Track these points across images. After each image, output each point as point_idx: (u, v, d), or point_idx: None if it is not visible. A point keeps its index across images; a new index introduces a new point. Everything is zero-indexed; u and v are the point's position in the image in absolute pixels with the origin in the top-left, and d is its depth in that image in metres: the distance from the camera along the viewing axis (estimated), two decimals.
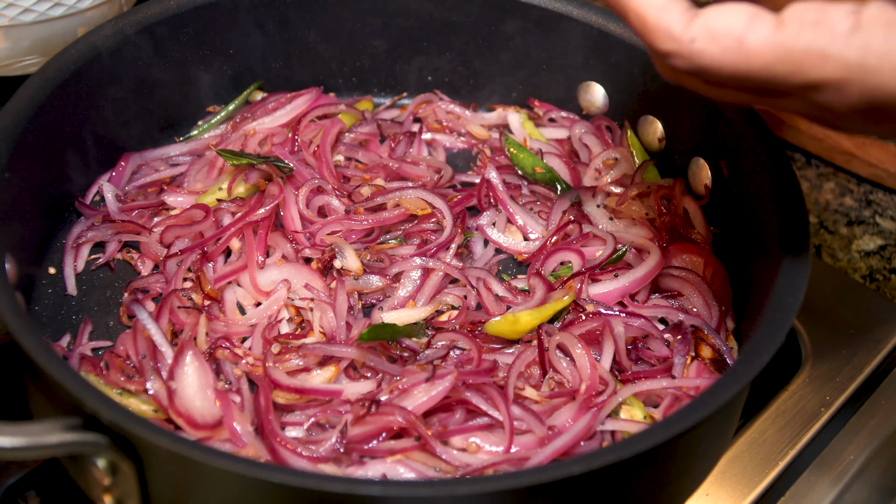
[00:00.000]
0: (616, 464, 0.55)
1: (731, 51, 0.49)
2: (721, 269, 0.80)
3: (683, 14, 0.50)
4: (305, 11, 0.93)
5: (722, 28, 0.49)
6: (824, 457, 0.85)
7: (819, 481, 0.83)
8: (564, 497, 0.58)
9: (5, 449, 0.54)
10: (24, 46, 0.94)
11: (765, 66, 0.49)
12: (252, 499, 0.56)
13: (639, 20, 0.52)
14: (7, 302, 0.61)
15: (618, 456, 0.55)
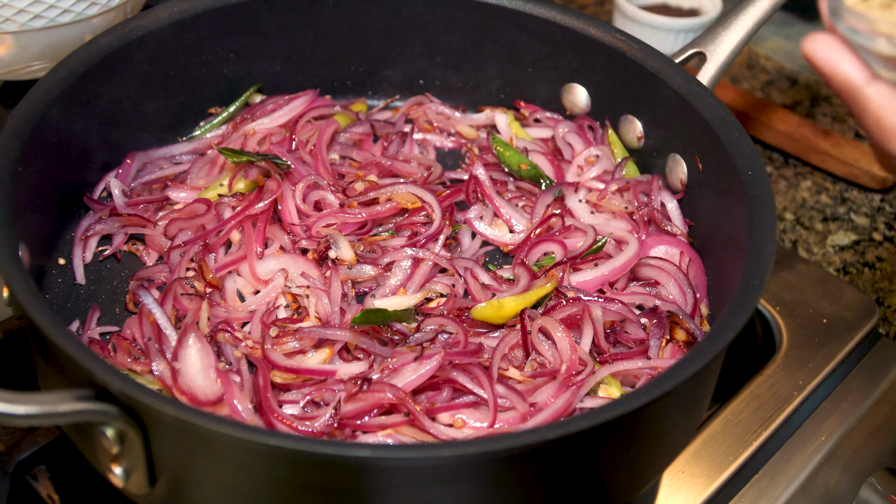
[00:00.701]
0: (589, 429, 0.57)
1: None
2: (696, 259, 0.82)
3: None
4: (302, 18, 0.94)
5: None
6: (797, 438, 0.87)
7: (791, 461, 0.85)
8: (541, 462, 0.60)
9: (21, 416, 0.55)
10: (33, 52, 0.95)
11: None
12: (250, 463, 0.58)
13: (875, 121, 0.53)
14: (23, 284, 0.62)
15: (590, 422, 0.57)
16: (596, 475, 0.64)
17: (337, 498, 0.59)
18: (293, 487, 0.59)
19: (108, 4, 0.95)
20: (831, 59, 0.54)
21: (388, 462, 0.56)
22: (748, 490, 0.82)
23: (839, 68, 0.54)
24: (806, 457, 0.86)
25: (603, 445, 0.62)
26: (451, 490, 0.59)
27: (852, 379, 0.92)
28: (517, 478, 0.60)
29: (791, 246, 1.07)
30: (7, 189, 0.68)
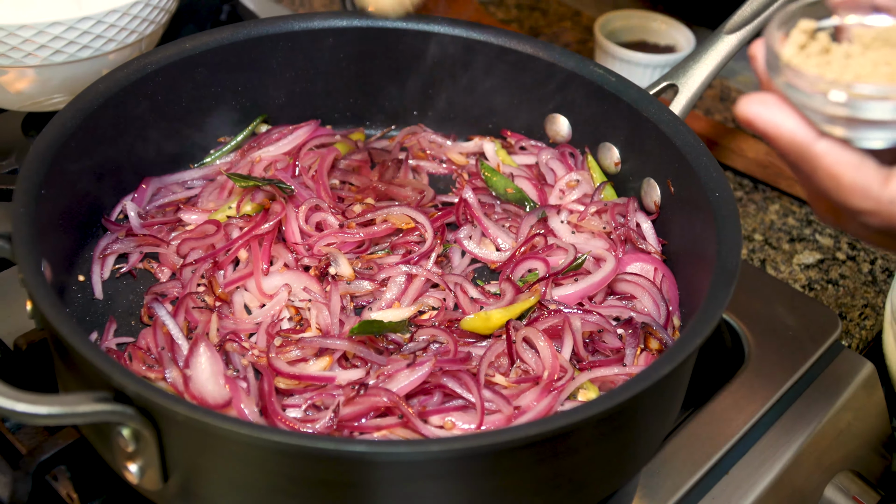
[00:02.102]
0: (567, 427, 0.59)
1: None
2: (669, 274, 0.84)
3: (878, 172, 0.47)
4: (305, 55, 0.95)
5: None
6: (765, 441, 0.87)
7: (760, 462, 0.86)
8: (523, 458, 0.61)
9: (42, 416, 0.57)
10: (54, 85, 0.95)
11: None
12: (255, 459, 0.59)
13: (832, 179, 0.48)
14: (45, 297, 0.64)
15: (568, 420, 0.59)
16: (576, 471, 0.65)
17: (335, 490, 0.60)
18: (295, 481, 0.60)
19: (124, 41, 0.96)
20: (773, 120, 0.50)
21: (381, 457, 0.57)
22: (720, 488, 0.83)
23: (784, 128, 0.50)
24: (774, 458, 0.86)
25: (581, 443, 0.63)
26: (440, 484, 0.61)
27: (817, 387, 0.93)
28: (501, 473, 0.61)
29: (760, 264, 1.08)
30: (31, 211, 0.70)
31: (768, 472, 0.85)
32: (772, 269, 1.08)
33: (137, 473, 0.63)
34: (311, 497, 0.61)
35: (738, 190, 1.19)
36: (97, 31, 0.93)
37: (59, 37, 0.91)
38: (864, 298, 1.06)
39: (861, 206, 0.48)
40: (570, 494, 0.67)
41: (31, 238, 0.67)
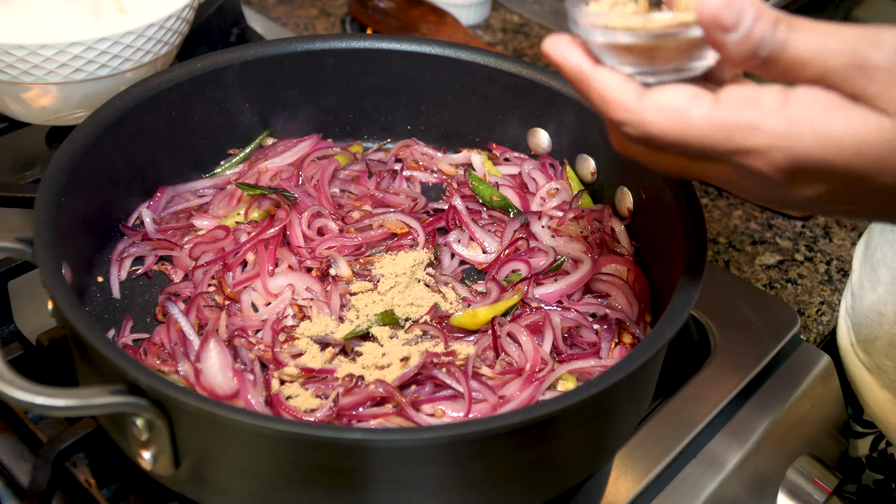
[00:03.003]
0: (548, 415, 0.58)
1: (674, 121, 0.50)
2: (641, 275, 0.84)
3: (636, 91, 0.51)
4: (307, 74, 0.95)
5: (667, 103, 0.50)
6: (730, 427, 0.87)
7: (725, 447, 0.86)
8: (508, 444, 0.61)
9: (61, 408, 0.56)
10: (75, 101, 0.95)
11: (702, 134, 0.49)
12: (260, 446, 0.59)
13: (599, 96, 0.53)
14: (64, 297, 0.63)
15: (549, 409, 0.58)
16: (556, 455, 0.65)
17: (335, 474, 0.59)
18: (298, 466, 0.59)
19: (140, 61, 0.96)
20: (562, 52, 0.54)
21: (377, 444, 0.57)
22: (688, 470, 0.83)
23: (569, 59, 0.54)
24: (738, 443, 0.86)
25: (561, 430, 0.63)
26: (431, 468, 0.60)
27: (777, 377, 0.93)
28: (487, 458, 0.61)
29: (724, 265, 1.08)
30: (52, 217, 0.69)
31: (733, 456, 0.85)
32: (735, 270, 1.08)
33: (151, 460, 0.63)
34: (312, 481, 0.60)
35: (704, 197, 1.19)
36: (114, 51, 0.93)
37: (79, 56, 0.91)
38: (821, 296, 1.05)
39: (621, 117, 0.52)
40: (551, 476, 0.67)
41: (52, 242, 0.67)
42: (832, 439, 0.99)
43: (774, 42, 0.48)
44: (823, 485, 0.89)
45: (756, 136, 0.48)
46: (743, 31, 0.48)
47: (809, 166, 0.48)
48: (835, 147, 0.47)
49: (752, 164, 0.49)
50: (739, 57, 0.49)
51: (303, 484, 0.60)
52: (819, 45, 0.47)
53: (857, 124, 0.47)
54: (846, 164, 0.48)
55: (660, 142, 0.51)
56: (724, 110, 0.49)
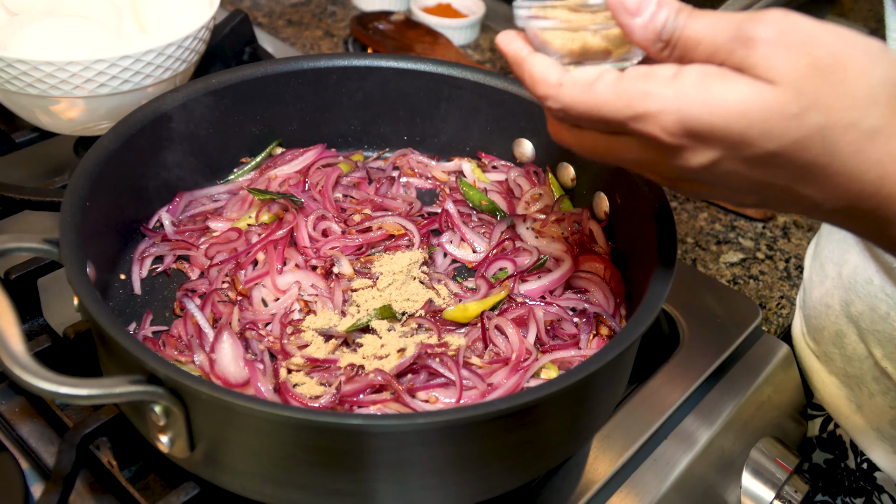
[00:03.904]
0: (533, 402, 0.58)
1: (585, 92, 0.51)
2: (616, 272, 0.83)
3: (559, 70, 0.53)
4: (313, 89, 0.94)
5: (581, 76, 0.52)
6: (698, 411, 0.87)
7: (694, 429, 0.85)
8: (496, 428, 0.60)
9: (84, 396, 0.55)
10: (100, 113, 0.95)
11: (605, 101, 0.50)
12: (269, 431, 0.58)
13: (529, 75, 0.54)
14: (88, 294, 0.62)
15: (534, 396, 0.58)
16: (539, 437, 0.64)
17: (337, 457, 0.59)
18: (303, 449, 0.59)
19: (160, 77, 0.95)
20: (508, 41, 0.57)
21: (376, 428, 0.56)
22: (660, 450, 0.82)
23: (511, 46, 0.56)
24: (706, 426, 0.86)
25: (544, 414, 0.62)
26: (425, 450, 0.59)
27: (741, 365, 0.93)
28: (477, 440, 0.60)
29: (691, 263, 1.08)
30: (77, 220, 0.68)
31: (701, 437, 0.85)
32: (702, 267, 1.07)
33: (168, 444, 0.62)
34: (317, 462, 0.59)
35: (673, 201, 1.18)
36: (136, 67, 0.92)
37: (103, 72, 0.90)
38: (781, 291, 1.05)
39: (543, 91, 0.53)
40: (535, 457, 0.66)
41: (76, 243, 0.66)
42: (793, 422, 0.99)
43: (675, 25, 0.49)
44: (784, 464, 0.89)
45: (649, 101, 0.48)
46: (647, 14, 0.50)
47: (698, 130, 0.48)
48: (721, 111, 0.47)
49: (648, 130, 0.49)
50: (646, 39, 0.51)
51: (307, 465, 0.59)
52: (711, 24, 0.49)
53: (741, 91, 0.47)
54: (731, 128, 0.47)
55: (573, 112, 0.52)
56: (624, 81, 0.50)
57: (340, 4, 1.58)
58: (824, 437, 1.02)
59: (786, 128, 0.46)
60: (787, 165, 0.48)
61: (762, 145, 0.47)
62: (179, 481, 0.69)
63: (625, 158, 0.54)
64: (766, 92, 0.46)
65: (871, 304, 0.89)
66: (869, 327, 0.89)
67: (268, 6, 1.55)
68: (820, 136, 0.46)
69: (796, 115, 0.46)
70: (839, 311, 0.94)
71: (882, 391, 0.90)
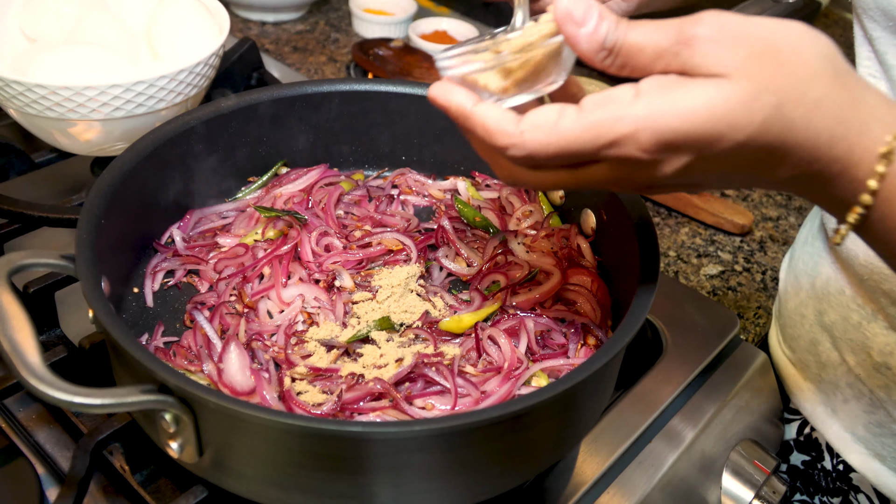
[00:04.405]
0: (524, 409, 0.57)
1: (551, 133, 0.49)
2: (603, 285, 0.83)
3: (513, 117, 0.51)
4: (316, 112, 0.94)
5: (542, 119, 0.50)
6: (680, 415, 0.87)
7: (677, 432, 0.85)
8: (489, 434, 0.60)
9: (97, 405, 0.55)
10: (116, 135, 0.94)
11: (576, 137, 0.49)
12: (273, 437, 0.58)
13: (483, 128, 0.51)
14: (102, 307, 0.62)
15: (525, 404, 0.57)
16: (530, 442, 0.64)
17: (338, 462, 0.58)
18: (306, 454, 0.58)
19: (172, 101, 0.95)
20: (446, 95, 0.53)
21: (374, 435, 0.56)
22: (645, 453, 0.82)
23: (452, 100, 0.52)
24: (688, 429, 0.86)
25: (534, 420, 0.62)
26: (422, 455, 0.59)
27: (721, 372, 0.93)
28: (471, 446, 0.60)
29: (674, 275, 1.08)
30: (92, 237, 0.68)
31: (683, 441, 0.84)
32: (683, 279, 1.07)
33: (178, 449, 0.61)
34: (319, 467, 0.59)
35: (656, 217, 1.18)
36: (150, 92, 0.92)
37: (119, 96, 0.90)
38: (758, 302, 1.05)
39: (505, 141, 0.50)
40: (526, 462, 0.66)
41: (91, 259, 0.65)
42: (771, 426, 0.98)
43: (617, 34, 0.49)
44: (763, 466, 0.88)
45: (620, 125, 0.48)
46: (592, 24, 0.49)
47: (672, 139, 0.47)
48: (692, 116, 0.47)
49: (625, 152, 0.48)
50: (590, 49, 0.49)
51: (310, 469, 0.59)
52: (651, 31, 0.48)
53: (702, 91, 0.47)
54: (702, 128, 0.47)
55: (541, 156, 0.50)
56: (588, 113, 0.49)
57: (343, 32, 1.58)
58: (801, 439, 1.02)
59: (748, 114, 0.47)
60: (754, 151, 0.48)
61: (731, 137, 0.47)
62: (189, 485, 0.68)
63: (592, 182, 0.53)
64: (723, 86, 0.47)
65: (843, 313, 0.88)
66: (842, 336, 0.89)
67: (274, 34, 1.55)
68: (777, 114, 0.47)
69: (754, 99, 0.47)
70: (813, 321, 0.94)
71: (856, 396, 0.90)
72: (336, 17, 1.63)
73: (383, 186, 0.98)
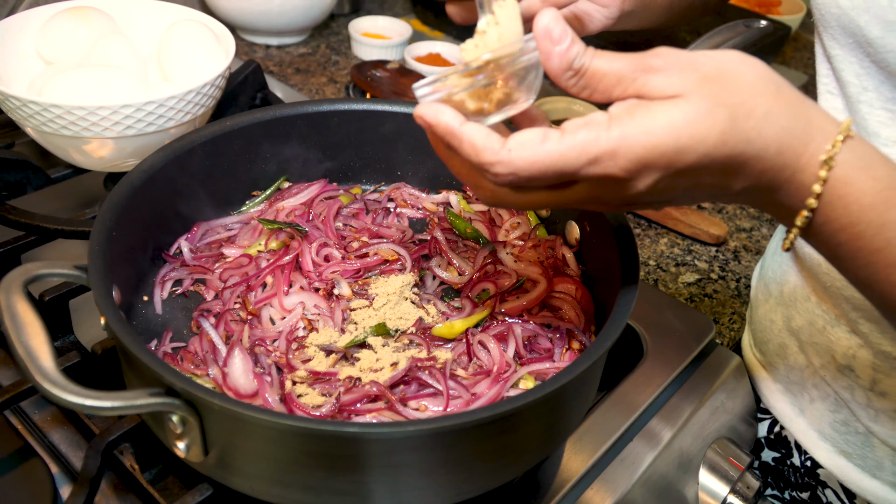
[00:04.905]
0: (513, 410, 0.57)
1: (536, 152, 0.50)
2: (587, 292, 0.83)
3: (499, 138, 0.52)
4: (317, 131, 0.94)
5: (527, 139, 0.51)
6: (660, 415, 0.87)
7: (657, 431, 0.85)
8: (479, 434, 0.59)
9: (107, 408, 0.55)
10: (128, 152, 0.94)
11: (560, 155, 0.50)
12: (274, 438, 0.57)
13: (471, 146, 0.52)
14: (113, 315, 0.62)
15: (513, 405, 0.57)
16: (518, 442, 0.64)
17: (336, 461, 0.58)
18: (306, 454, 0.58)
19: (181, 120, 0.95)
20: (434, 114, 0.52)
21: (371, 436, 0.56)
22: (627, 451, 0.82)
23: (440, 119, 0.52)
24: (667, 428, 0.86)
25: (522, 421, 0.62)
26: (415, 454, 0.59)
27: (698, 374, 0.93)
28: (462, 445, 0.60)
29: (653, 283, 1.08)
30: (104, 248, 0.68)
31: (662, 439, 0.84)
32: (662, 287, 1.07)
33: (184, 449, 0.61)
34: (318, 465, 0.59)
35: (636, 228, 1.18)
36: (159, 112, 0.92)
37: (130, 115, 0.90)
38: (732, 308, 1.05)
39: (491, 158, 0.51)
40: (514, 460, 0.65)
41: (104, 270, 0.65)
42: (745, 424, 0.98)
43: (584, 58, 0.51)
44: (737, 462, 0.88)
45: (601, 143, 0.49)
46: (565, 45, 0.50)
47: (644, 156, 0.49)
48: (657, 133, 0.49)
49: (603, 169, 0.49)
50: (560, 66, 0.51)
51: (309, 468, 0.59)
52: (614, 59, 0.51)
53: (666, 110, 0.49)
54: (669, 143, 0.49)
55: (525, 174, 0.50)
56: (570, 135, 0.50)
57: (342, 55, 1.59)
58: (772, 437, 1.02)
59: (707, 128, 0.49)
60: (716, 163, 0.50)
61: (695, 149, 0.49)
62: (195, 483, 0.68)
63: (571, 202, 0.54)
64: (682, 104, 0.49)
65: (809, 319, 0.89)
66: (808, 340, 0.90)
67: (278, 56, 1.56)
68: (731, 126, 0.49)
69: (710, 114, 0.49)
70: (782, 326, 0.94)
71: (821, 397, 0.90)
72: (336, 41, 1.63)
73: (380, 200, 0.98)
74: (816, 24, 0.77)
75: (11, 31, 1.03)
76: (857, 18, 0.68)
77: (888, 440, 0.84)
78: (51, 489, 0.69)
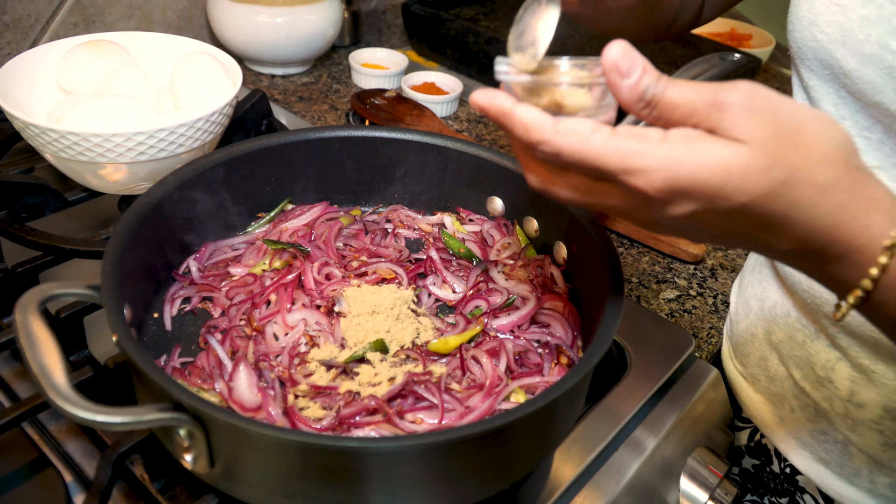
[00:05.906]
0: (505, 424, 0.57)
1: (582, 141, 0.48)
2: (574, 309, 0.82)
3: (551, 119, 0.50)
4: (318, 156, 0.94)
5: (577, 126, 0.49)
6: (644, 426, 0.86)
7: (641, 441, 0.84)
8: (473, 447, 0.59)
9: (117, 423, 0.54)
10: (140, 176, 0.94)
11: (601, 153, 0.48)
12: (277, 450, 0.57)
13: (522, 125, 0.50)
14: (125, 333, 0.61)
15: (505, 419, 0.57)
16: (509, 453, 0.63)
17: (337, 472, 0.57)
18: (307, 466, 0.57)
19: (191, 146, 0.95)
20: (489, 97, 0.52)
21: (368, 449, 0.55)
22: (613, 460, 0.81)
23: (494, 101, 0.52)
24: (650, 437, 0.85)
25: (513, 433, 0.61)
26: (412, 466, 0.58)
27: (679, 386, 0.92)
28: (456, 457, 0.59)
29: (636, 299, 1.07)
30: (117, 269, 0.67)
31: (646, 448, 0.84)
32: (644, 303, 1.07)
33: (191, 461, 0.60)
34: (319, 477, 0.58)
35: (620, 247, 1.18)
36: (170, 138, 0.91)
37: (143, 142, 0.89)
38: (710, 322, 1.05)
39: (540, 137, 0.49)
40: (506, 470, 0.65)
41: (116, 289, 0.64)
42: (721, 433, 0.97)
43: (657, 90, 0.48)
44: (716, 470, 0.87)
45: (642, 159, 0.47)
46: (634, 78, 0.48)
47: (682, 185, 0.46)
48: (705, 168, 0.46)
49: (637, 184, 0.47)
50: (630, 98, 0.49)
51: (311, 479, 0.58)
52: (688, 90, 0.48)
53: (721, 150, 0.46)
54: (712, 183, 0.46)
55: (566, 157, 0.49)
56: (618, 138, 0.48)
57: (343, 83, 1.59)
58: (752, 445, 1.01)
59: (757, 182, 0.46)
60: (755, 215, 0.48)
61: (737, 198, 0.47)
62: (202, 493, 0.67)
63: (605, 204, 0.51)
64: (741, 150, 0.46)
65: (789, 333, 0.88)
66: (788, 352, 0.89)
67: (282, 85, 1.56)
68: (783, 189, 0.46)
69: (765, 170, 0.46)
70: (762, 339, 0.93)
71: (801, 407, 0.90)
72: (337, 71, 1.64)
73: (378, 221, 0.97)
74: (793, 57, 0.77)
75: (33, 62, 1.03)
76: (834, 51, 0.67)
77: (865, 449, 0.84)
78: (64, 497, 0.68)
